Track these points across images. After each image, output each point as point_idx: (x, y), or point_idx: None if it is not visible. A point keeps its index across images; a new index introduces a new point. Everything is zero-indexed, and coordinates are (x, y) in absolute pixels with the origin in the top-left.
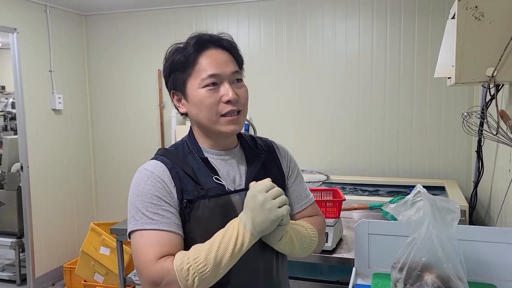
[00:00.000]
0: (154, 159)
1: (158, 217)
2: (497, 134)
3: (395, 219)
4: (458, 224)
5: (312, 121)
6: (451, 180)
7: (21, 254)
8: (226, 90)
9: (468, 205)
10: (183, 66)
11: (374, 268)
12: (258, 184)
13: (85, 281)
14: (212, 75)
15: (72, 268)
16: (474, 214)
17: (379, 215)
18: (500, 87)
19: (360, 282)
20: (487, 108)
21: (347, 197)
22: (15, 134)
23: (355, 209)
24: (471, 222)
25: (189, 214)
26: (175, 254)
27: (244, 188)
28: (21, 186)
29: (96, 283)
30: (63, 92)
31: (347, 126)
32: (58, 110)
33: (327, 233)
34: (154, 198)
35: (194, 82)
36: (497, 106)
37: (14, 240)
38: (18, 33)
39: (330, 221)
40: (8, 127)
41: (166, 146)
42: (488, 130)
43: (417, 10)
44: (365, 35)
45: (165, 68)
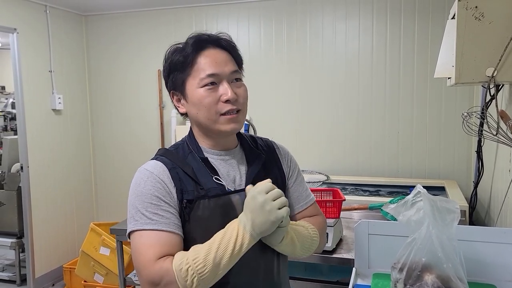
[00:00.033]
0: (154, 159)
1: (157, 217)
2: (497, 134)
3: (395, 220)
4: (458, 224)
5: (312, 121)
6: (451, 180)
7: (21, 254)
8: (225, 90)
9: (468, 205)
10: (182, 66)
11: (374, 268)
12: (258, 185)
13: (85, 281)
14: (210, 75)
15: (72, 268)
16: (474, 215)
17: (379, 216)
18: (500, 87)
19: (360, 282)
20: (487, 108)
21: (347, 197)
22: (15, 134)
23: (355, 209)
24: (471, 223)
25: (189, 214)
26: (175, 254)
27: (244, 188)
28: (21, 186)
29: (96, 284)
30: (63, 92)
31: (347, 126)
32: (58, 110)
33: (327, 233)
34: (153, 198)
35: (193, 82)
36: (497, 106)
37: (14, 240)
38: (18, 33)
39: (330, 221)
40: (8, 127)
41: (166, 146)
42: (488, 130)
43: (417, 10)
44: (365, 35)
45: (164, 68)
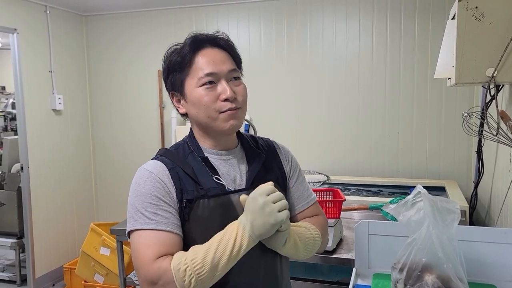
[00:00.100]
0: (154, 159)
1: (156, 217)
2: (497, 134)
3: (396, 220)
4: (459, 224)
5: (312, 121)
6: (452, 180)
7: (21, 255)
8: (224, 88)
9: (468, 205)
10: (180, 66)
11: (374, 268)
12: (260, 187)
13: (85, 281)
14: (209, 74)
15: (72, 268)
16: (475, 215)
17: (379, 216)
18: (500, 88)
19: (360, 282)
20: (487, 108)
21: (347, 197)
22: (15, 134)
23: (355, 209)
24: (472, 223)
25: (188, 214)
26: (174, 254)
27: (244, 188)
28: (21, 187)
29: (96, 284)
30: (63, 92)
31: (347, 126)
32: (58, 111)
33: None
34: (153, 198)
35: (192, 81)
36: (497, 106)
37: (14, 240)
38: (18, 33)
39: (330, 221)
40: (8, 128)
41: (166, 147)
42: (488, 131)
43: (417, 10)
44: (365, 36)
45: (163, 69)
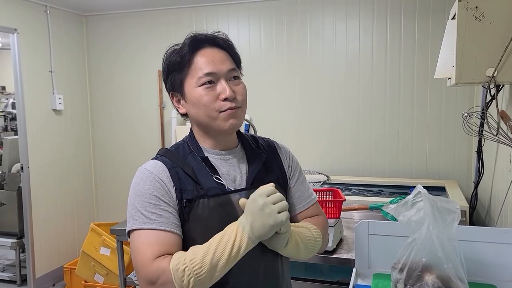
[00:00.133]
0: (154, 159)
1: (156, 216)
2: (497, 134)
3: (396, 220)
4: (459, 224)
5: (312, 121)
6: (452, 180)
7: (21, 255)
8: (223, 88)
9: (468, 205)
10: (179, 66)
11: (374, 268)
12: (261, 188)
13: (85, 281)
14: (208, 74)
15: (72, 268)
16: (475, 215)
17: (380, 216)
18: (500, 88)
19: (360, 282)
20: (488, 108)
21: (347, 197)
22: (16, 134)
23: (356, 209)
24: (472, 223)
25: (188, 214)
26: (173, 253)
27: (244, 188)
28: (21, 187)
29: (96, 284)
30: (64, 92)
31: (347, 126)
32: (58, 111)
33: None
34: (152, 197)
35: (191, 81)
36: (497, 106)
37: (14, 240)
38: (18, 33)
39: (331, 221)
40: (8, 128)
41: (167, 147)
42: (488, 131)
43: (417, 10)
44: (365, 36)
45: (163, 70)
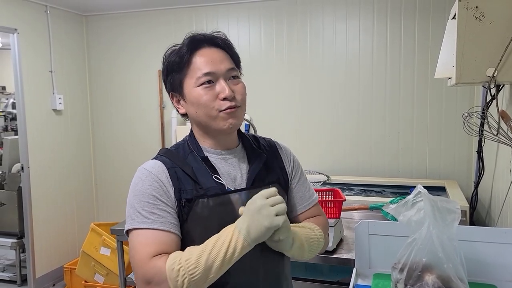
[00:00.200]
0: (154, 159)
1: (153, 216)
2: (497, 134)
3: (396, 220)
4: (459, 224)
5: (312, 121)
6: (452, 180)
7: (21, 255)
8: (222, 88)
9: (468, 205)
10: (179, 66)
11: (374, 268)
12: (262, 190)
13: (85, 281)
14: (207, 73)
15: (72, 268)
16: (475, 215)
17: (380, 216)
18: (500, 88)
19: (360, 282)
20: (488, 108)
21: (348, 197)
22: (16, 134)
23: (356, 209)
24: (472, 223)
25: (187, 214)
26: (170, 253)
27: (245, 187)
28: (21, 187)
29: (96, 284)
30: (64, 92)
31: (348, 126)
32: (58, 111)
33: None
34: (150, 197)
35: (190, 81)
36: (497, 106)
37: (14, 240)
38: (18, 33)
39: (331, 221)
40: (8, 128)
41: (167, 147)
42: (488, 131)
43: (417, 10)
44: (365, 35)
45: (163, 70)
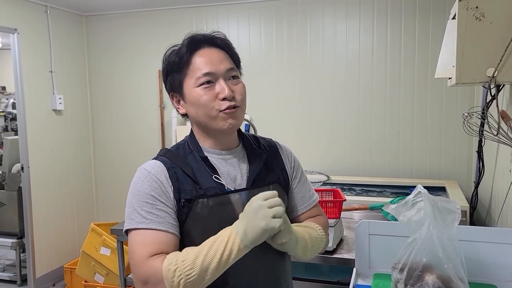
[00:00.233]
0: (154, 159)
1: (152, 216)
2: (497, 134)
3: (396, 220)
4: (459, 224)
5: (312, 121)
6: (452, 180)
7: (21, 255)
8: (222, 88)
9: (468, 205)
10: (178, 67)
11: (374, 268)
12: (262, 193)
13: (85, 281)
14: (206, 74)
15: (72, 268)
16: (475, 215)
17: (380, 216)
18: (500, 88)
19: (360, 282)
20: (488, 108)
21: (348, 197)
22: (16, 134)
23: (356, 209)
24: (472, 223)
25: (187, 214)
26: (169, 253)
27: (245, 188)
28: (21, 187)
29: (96, 284)
30: (64, 92)
31: (348, 126)
32: (58, 111)
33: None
34: (149, 197)
35: (190, 81)
36: (497, 106)
37: (14, 240)
38: (18, 33)
39: (331, 221)
40: (8, 128)
41: (167, 147)
42: (488, 131)
43: (417, 10)
44: (365, 35)
45: (162, 71)
